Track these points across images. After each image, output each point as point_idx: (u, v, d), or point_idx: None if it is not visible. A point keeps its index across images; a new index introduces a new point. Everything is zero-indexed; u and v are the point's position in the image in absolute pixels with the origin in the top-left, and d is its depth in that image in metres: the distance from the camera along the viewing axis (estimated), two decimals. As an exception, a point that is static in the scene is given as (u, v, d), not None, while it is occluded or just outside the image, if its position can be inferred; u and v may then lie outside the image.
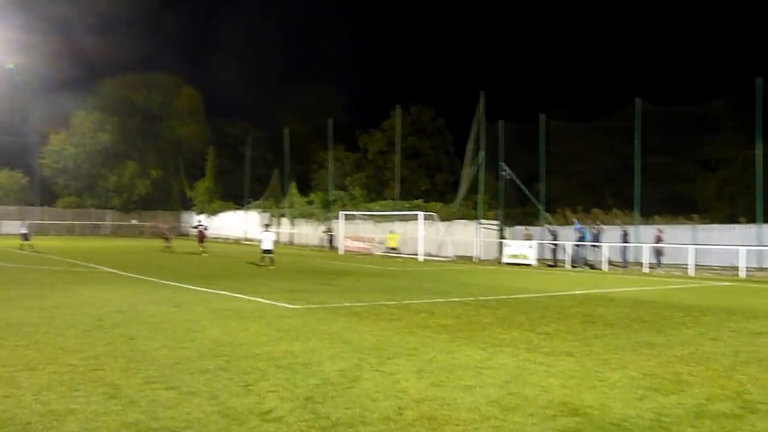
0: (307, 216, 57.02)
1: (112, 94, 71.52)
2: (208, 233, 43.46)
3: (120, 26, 69.30)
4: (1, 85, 63.54)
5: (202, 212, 67.64)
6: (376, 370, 8.98)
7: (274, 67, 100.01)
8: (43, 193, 69.70)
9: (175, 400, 7.23)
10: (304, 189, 61.73)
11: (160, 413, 6.74)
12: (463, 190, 45.55)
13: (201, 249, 38.68)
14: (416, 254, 41.19)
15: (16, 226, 60.50)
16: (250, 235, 61.21)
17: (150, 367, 8.81)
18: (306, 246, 54.28)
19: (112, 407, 6.94)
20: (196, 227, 42.44)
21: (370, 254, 44.14)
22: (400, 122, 54.41)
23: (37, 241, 37.84)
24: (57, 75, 64.31)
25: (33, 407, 6.88)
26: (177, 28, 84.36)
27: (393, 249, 44.21)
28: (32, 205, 67.26)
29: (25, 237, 37.84)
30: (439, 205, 46.53)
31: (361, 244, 46.38)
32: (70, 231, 66.40)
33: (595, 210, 41.65)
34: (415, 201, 48.02)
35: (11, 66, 59.81)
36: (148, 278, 22.01)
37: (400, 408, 7.19)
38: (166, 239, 42.33)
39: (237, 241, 61.13)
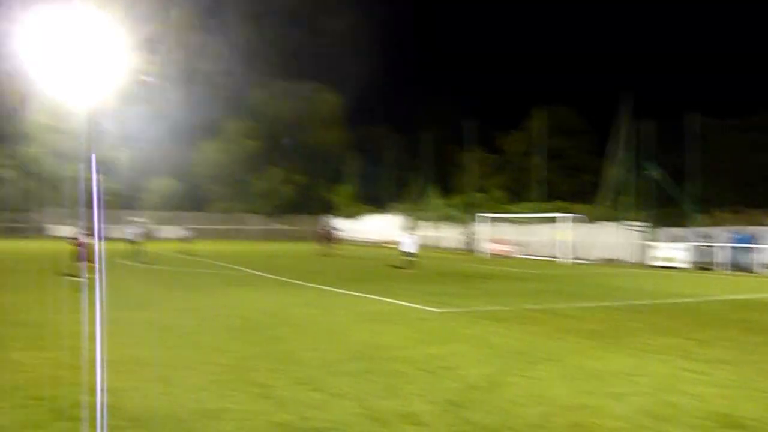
0: (446, 219, 56.75)
1: (259, 103, 73.54)
2: (351, 236, 44.06)
3: (266, 36, 71.25)
4: (155, 95, 67.50)
5: (334, 215, 69.21)
6: (522, 376, 8.85)
7: (411, 72, 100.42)
8: (196, 199, 72.46)
9: (322, 402, 7.40)
10: (444, 191, 61.49)
11: (308, 414, 6.93)
12: (607, 191, 44.21)
13: (330, 250, 39.67)
14: (559, 257, 40.46)
15: (173, 231, 64.46)
16: (391, 238, 61.00)
17: (298, 368, 9.08)
18: (446, 249, 54.06)
19: (263, 407, 7.19)
20: (325, 229, 43.65)
21: (512, 257, 43.54)
22: (541, 123, 53.51)
23: (189, 246, 39.47)
24: (208, 85, 68.00)
25: (189, 405, 7.23)
26: (322, 36, 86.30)
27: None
28: (186, 210, 69.69)
29: (186, 241, 39.27)
30: (582, 206, 45.30)
31: (503, 247, 45.94)
32: (220, 235, 68.27)
33: (749, 210, 39.28)
34: (559, 202, 46.99)
35: (148, 78, 62.91)
36: (294, 281, 22.56)
37: (547, 415, 7.05)
38: (329, 242, 42.39)
39: (378, 245, 61.16)
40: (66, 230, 53.16)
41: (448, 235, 56.16)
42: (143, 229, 36.40)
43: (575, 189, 58.03)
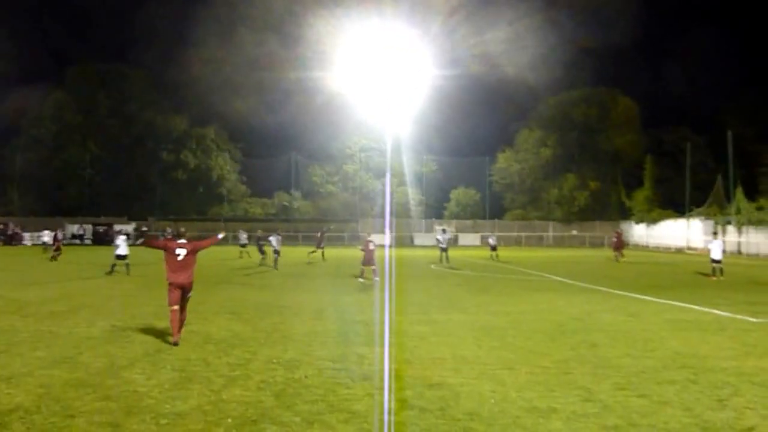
0: (756, 223, 52.26)
1: (552, 111, 73.77)
2: (649, 242, 42.39)
3: (554, 44, 71.30)
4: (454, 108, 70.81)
5: (631, 221, 66.91)
6: None
7: (713, 72, 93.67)
8: (493, 208, 74.87)
9: (648, 408, 7.28)
10: (752, 194, 56.45)
11: (636, 420, 6.86)
12: None
13: (622, 256, 39.87)
14: None
15: (475, 238, 66.33)
16: (692, 244, 58.45)
17: (616, 373, 8.99)
18: (757, 255, 50.08)
19: (589, 410, 7.28)
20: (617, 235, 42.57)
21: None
22: None
23: (493, 252, 39.66)
24: (502, 95, 69.62)
25: (518, 403, 7.55)
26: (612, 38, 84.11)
27: None
28: (484, 218, 72.47)
29: (493, 248, 39.87)
30: None
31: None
32: (517, 242, 69.54)
33: None
34: None
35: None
36: (597, 287, 22.17)
37: None
38: (620, 248, 41.52)
39: (679, 250, 58.63)
40: (376, 237, 58.75)
41: (759, 240, 51.80)
42: (449, 236, 38.30)
43: None
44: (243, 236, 40.38)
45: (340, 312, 15.07)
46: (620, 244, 41.64)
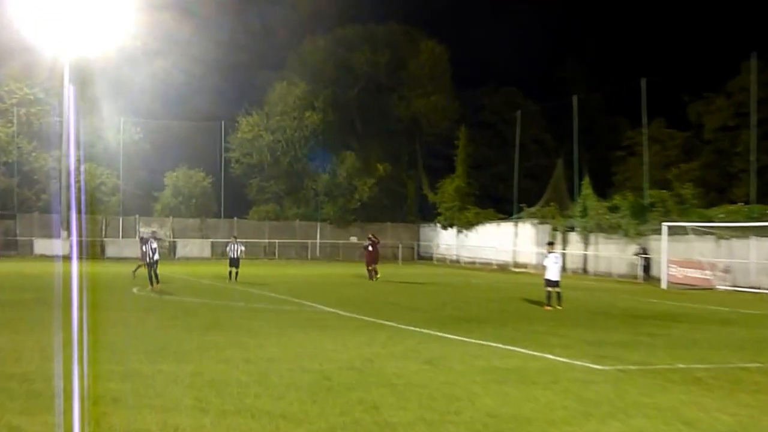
0: (608, 229, 55.00)
1: (320, 56, 74.06)
2: (459, 254, 44.35)
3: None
4: (173, 56, 70.71)
5: (447, 224, 69.67)
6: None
7: (551, 13, 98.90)
8: (232, 200, 73.19)
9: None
10: (603, 188, 60.34)
11: None
12: None
13: (372, 272, 42.47)
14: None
15: (204, 246, 65.67)
16: (521, 258, 61.36)
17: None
18: (608, 275, 53.15)
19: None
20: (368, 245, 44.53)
21: (712, 288, 42.15)
22: (756, 80, 52.00)
23: (237, 269, 39.93)
24: (247, 37, 70.80)
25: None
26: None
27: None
28: (218, 216, 71.35)
29: (233, 262, 40.32)
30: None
31: (696, 273, 44.65)
32: (268, 252, 69.18)
33: None
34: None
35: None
36: (383, 321, 22.74)
37: None
38: (373, 263, 43.62)
39: (502, 267, 61.39)
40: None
41: (610, 254, 55.08)
42: (241, 247, 42.14)
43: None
44: None
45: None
46: (375, 256, 43.49)
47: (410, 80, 74.82)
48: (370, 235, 45.51)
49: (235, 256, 40.45)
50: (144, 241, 35.66)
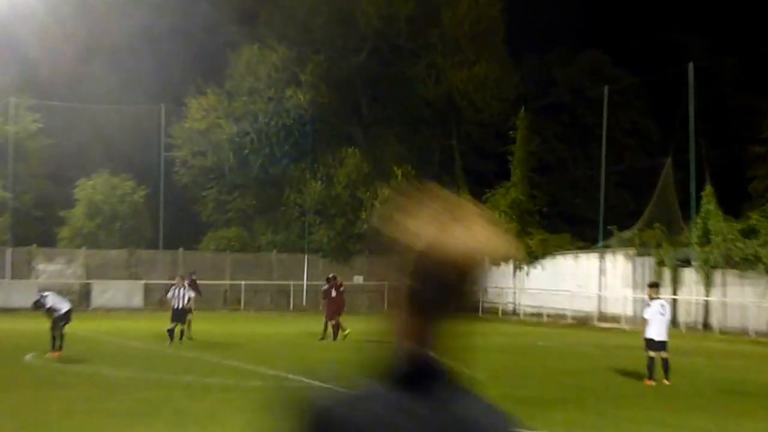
0: (741, 264, 53.34)
1: (311, 6, 68.86)
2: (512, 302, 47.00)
3: None
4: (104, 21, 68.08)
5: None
6: None
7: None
8: (176, 221, 68.11)
9: None
10: (734, 202, 58.27)
11: None
12: None
13: (334, 325, 42.96)
14: None
15: (135, 288, 65.49)
16: (611, 308, 60.10)
17: None
18: (742, 332, 51.78)
19: None
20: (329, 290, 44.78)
21: None
22: None
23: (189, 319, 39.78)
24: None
25: None
26: None
27: None
28: (155, 247, 67.32)
29: (177, 315, 39.22)
30: None
31: None
32: (232, 300, 65.27)
33: None
34: None
35: None
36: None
37: None
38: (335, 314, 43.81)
39: (581, 321, 60.39)
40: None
41: (741, 300, 53.63)
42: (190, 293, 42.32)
43: None
44: None
45: None
46: (340, 303, 43.60)
47: (444, 42, 71.05)
48: (330, 276, 45.53)
49: (180, 305, 39.06)
50: (39, 305, 33.50)
